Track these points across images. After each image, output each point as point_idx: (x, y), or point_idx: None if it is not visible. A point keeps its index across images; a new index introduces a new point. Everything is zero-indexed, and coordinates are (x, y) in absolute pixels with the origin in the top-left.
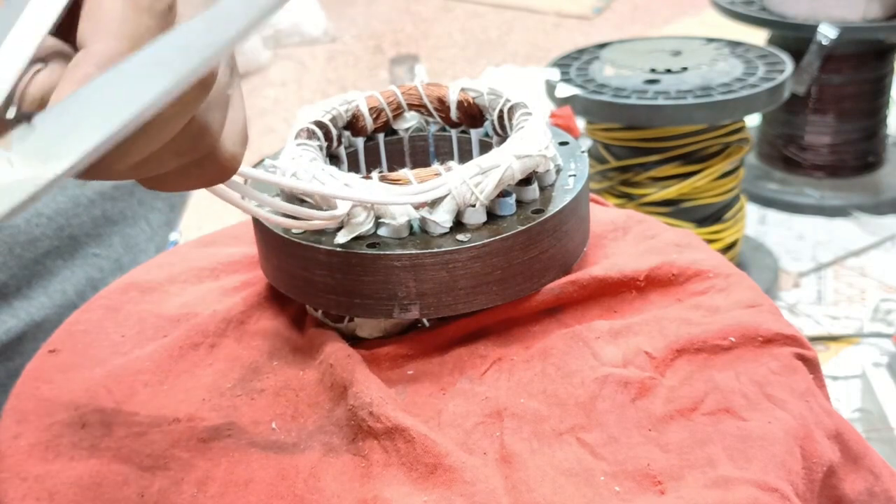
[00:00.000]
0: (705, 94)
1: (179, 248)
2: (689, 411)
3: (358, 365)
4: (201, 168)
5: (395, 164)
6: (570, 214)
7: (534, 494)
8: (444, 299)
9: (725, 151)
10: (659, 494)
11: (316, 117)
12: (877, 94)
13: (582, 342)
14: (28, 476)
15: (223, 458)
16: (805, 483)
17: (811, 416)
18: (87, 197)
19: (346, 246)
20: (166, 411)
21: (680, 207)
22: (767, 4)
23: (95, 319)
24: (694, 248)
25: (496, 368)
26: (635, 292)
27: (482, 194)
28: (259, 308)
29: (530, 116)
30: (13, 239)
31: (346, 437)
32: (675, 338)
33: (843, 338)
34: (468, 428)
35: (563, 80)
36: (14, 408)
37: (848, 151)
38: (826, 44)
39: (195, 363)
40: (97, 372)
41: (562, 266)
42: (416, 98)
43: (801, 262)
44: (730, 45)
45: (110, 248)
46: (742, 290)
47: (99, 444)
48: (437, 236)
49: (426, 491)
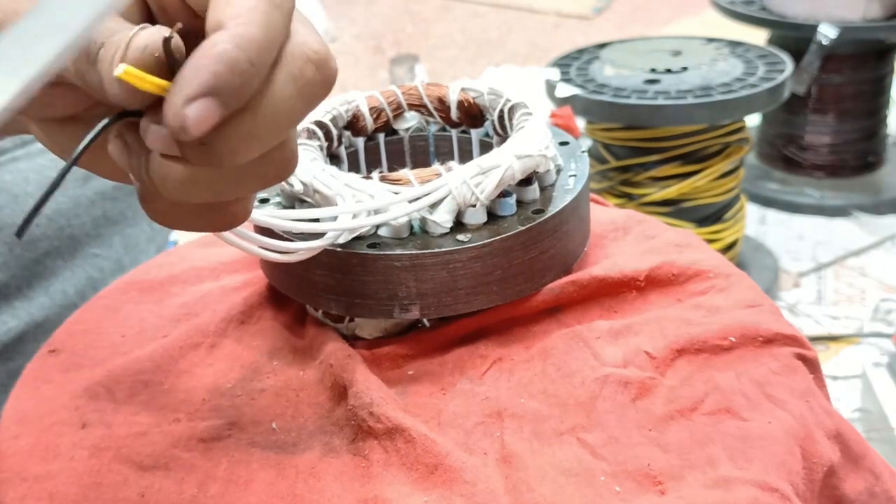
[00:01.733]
0: (705, 94)
1: (179, 248)
2: (689, 411)
3: (358, 365)
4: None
5: (395, 164)
6: (570, 214)
7: (534, 494)
8: (445, 299)
9: (725, 151)
10: (659, 494)
11: (316, 117)
12: (877, 94)
13: (582, 342)
14: (28, 476)
15: (223, 458)
16: (805, 483)
17: (811, 416)
18: (88, 197)
19: (347, 246)
20: (166, 411)
21: (680, 207)
22: (767, 4)
23: (95, 319)
24: (694, 248)
25: (496, 368)
26: (635, 292)
27: (482, 194)
28: (259, 308)
29: (531, 116)
30: (13, 239)
31: (347, 437)
32: (675, 338)
33: (843, 338)
34: (468, 428)
35: (563, 80)
36: (14, 408)
37: (848, 151)
38: (826, 44)
39: (195, 363)
40: (97, 372)
41: (562, 266)
42: (416, 98)
43: (801, 262)
44: (730, 45)
45: (111, 248)
46: (742, 290)
47: (99, 444)
48: (437, 236)
49: (426, 491)
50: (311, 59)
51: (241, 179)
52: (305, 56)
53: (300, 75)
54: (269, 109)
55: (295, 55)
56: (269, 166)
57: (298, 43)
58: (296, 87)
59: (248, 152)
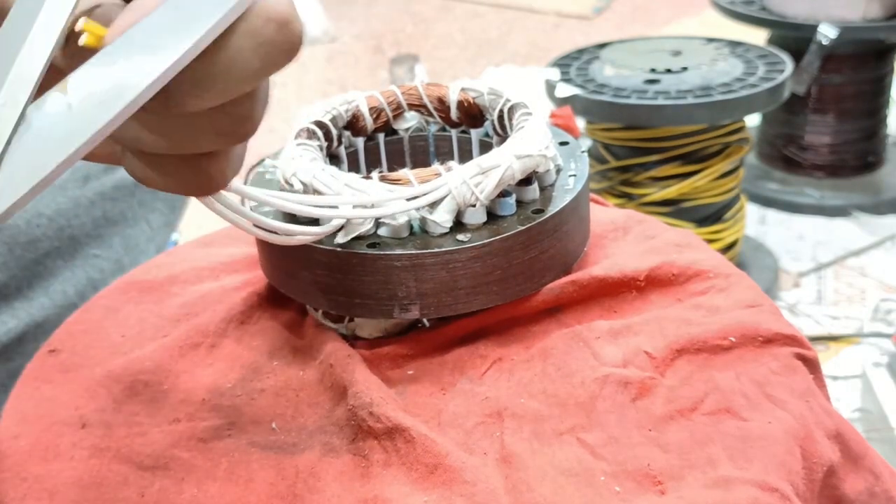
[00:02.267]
0: (705, 94)
1: (179, 248)
2: (689, 411)
3: (358, 365)
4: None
5: (395, 164)
6: (570, 214)
7: (534, 494)
8: (445, 299)
9: (725, 151)
10: (659, 494)
11: (316, 117)
12: (877, 94)
13: (582, 342)
14: (28, 476)
15: (223, 458)
16: (805, 483)
17: (811, 416)
18: (88, 198)
19: (346, 246)
20: (166, 411)
21: (680, 207)
22: (767, 4)
23: (95, 319)
24: (694, 248)
25: (496, 368)
26: (635, 292)
27: (482, 194)
28: (259, 308)
29: (530, 116)
30: (13, 239)
31: (346, 437)
32: (675, 338)
33: (843, 338)
34: (468, 428)
35: (563, 80)
36: (14, 408)
37: (848, 151)
38: (826, 44)
39: (195, 363)
40: (97, 372)
41: (562, 266)
42: (416, 98)
43: (801, 262)
44: (730, 45)
45: (111, 248)
46: (742, 290)
47: (99, 444)
48: (437, 236)
49: (426, 491)
50: (272, 18)
51: (196, 130)
52: (267, 15)
53: (258, 32)
54: (223, 60)
55: (257, 13)
56: (225, 120)
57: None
58: (253, 43)
59: (199, 101)
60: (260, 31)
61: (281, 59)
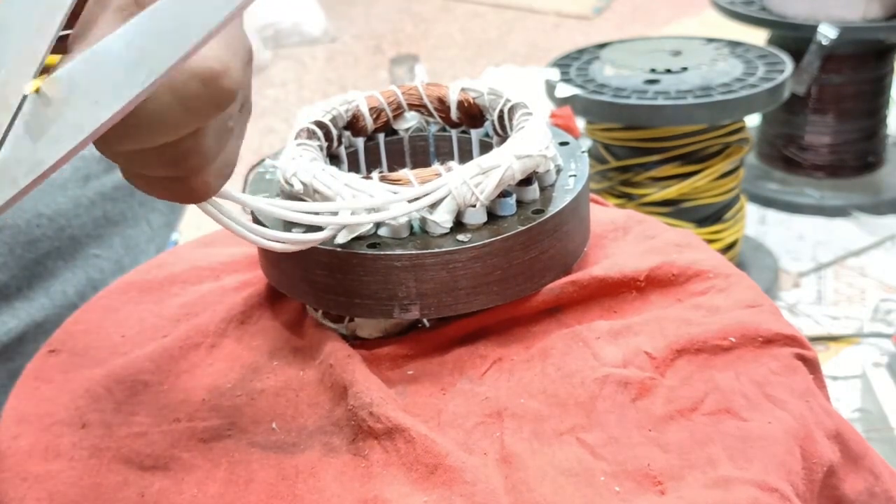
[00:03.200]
0: (705, 94)
1: (179, 248)
2: (689, 411)
3: (358, 365)
4: (174, 183)
5: (395, 165)
6: (570, 214)
7: (534, 494)
8: (445, 299)
9: (725, 151)
10: (659, 494)
11: (316, 117)
12: (877, 94)
13: (582, 342)
14: (28, 476)
15: (223, 458)
16: (805, 483)
17: (811, 417)
18: (88, 198)
19: (347, 246)
20: (166, 411)
21: (680, 207)
22: (767, 4)
23: (95, 319)
24: (694, 248)
25: (496, 368)
26: (635, 292)
27: (482, 194)
28: (259, 308)
29: (530, 116)
30: (14, 239)
31: (346, 437)
32: (675, 338)
33: (843, 338)
34: (468, 428)
35: (563, 80)
36: (14, 408)
37: (848, 151)
38: (826, 44)
39: (195, 363)
40: (97, 372)
41: (562, 266)
42: (416, 98)
43: (801, 262)
44: (730, 45)
45: (111, 248)
46: (742, 290)
47: (99, 444)
48: (437, 236)
49: (426, 491)
50: (196, 74)
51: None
52: (191, 71)
53: (181, 89)
54: (146, 114)
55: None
56: (171, 153)
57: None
58: (176, 98)
59: (129, 145)
60: (183, 87)
61: (208, 111)
